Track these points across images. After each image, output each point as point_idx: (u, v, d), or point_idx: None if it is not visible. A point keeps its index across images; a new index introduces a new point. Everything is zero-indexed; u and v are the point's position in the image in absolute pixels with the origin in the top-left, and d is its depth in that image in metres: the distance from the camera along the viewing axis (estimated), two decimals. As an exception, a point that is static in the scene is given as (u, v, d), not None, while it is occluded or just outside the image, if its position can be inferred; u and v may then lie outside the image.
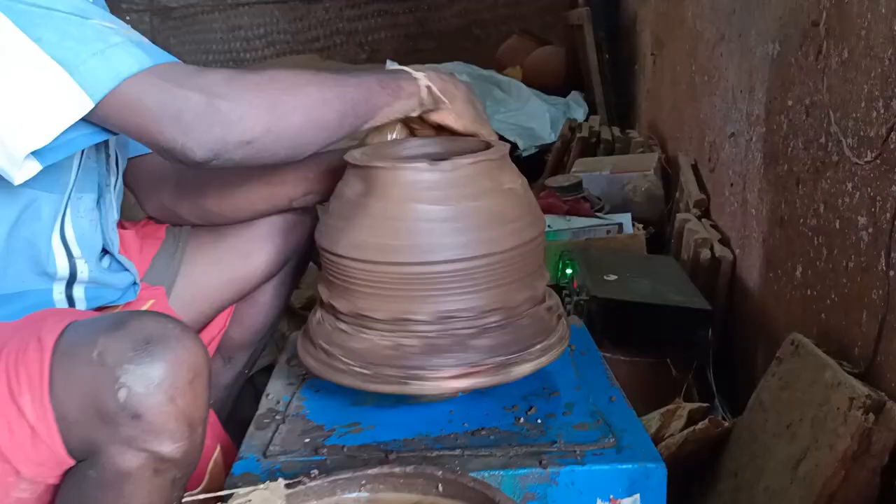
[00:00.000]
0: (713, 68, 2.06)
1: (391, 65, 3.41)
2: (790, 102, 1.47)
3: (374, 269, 0.97)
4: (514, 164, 1.07)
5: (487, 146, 1.06)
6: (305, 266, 1.34)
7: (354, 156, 1.02)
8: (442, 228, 0.96)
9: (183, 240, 1.24)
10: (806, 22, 1.39)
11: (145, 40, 0.88)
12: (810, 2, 1.37)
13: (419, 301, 0.97)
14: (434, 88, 1.01)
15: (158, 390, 0.79)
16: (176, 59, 0.89)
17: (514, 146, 3.23)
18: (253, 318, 1.31)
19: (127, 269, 1.12)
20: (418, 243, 0.95)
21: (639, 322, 1.59)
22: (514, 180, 1.05)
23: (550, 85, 3.95)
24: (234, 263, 1.23)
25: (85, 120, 0.84)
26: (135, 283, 1.13)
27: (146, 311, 0.97)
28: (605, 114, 3.35)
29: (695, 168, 2.25)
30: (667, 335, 1.59)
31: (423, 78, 1.00)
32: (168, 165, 1.23)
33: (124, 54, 0.84)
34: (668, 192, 2.46)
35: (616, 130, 3.01)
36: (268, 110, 0.88)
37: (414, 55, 5.44)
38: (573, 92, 3.74)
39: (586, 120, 3.32)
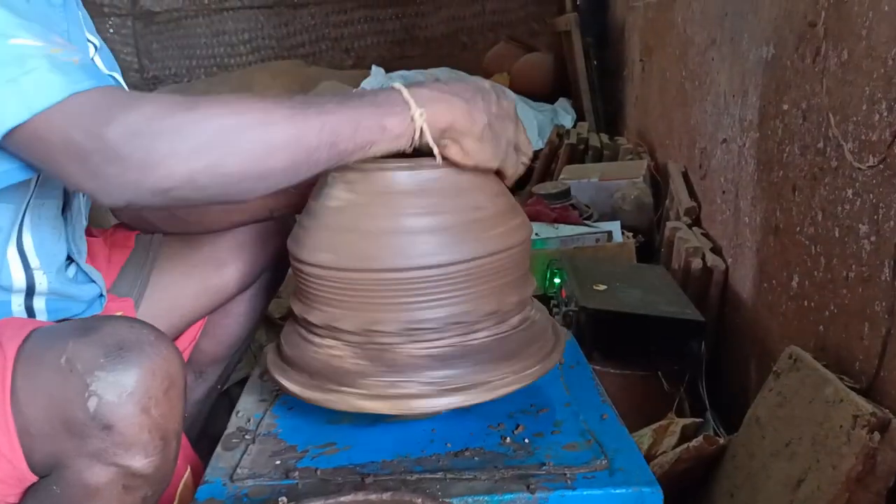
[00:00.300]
0: (704, 73, 2.02)
1: (376, 72, 3.32)
2: (785, 106, 1.43)
3: (339, 277, 0.90)
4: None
5: None
6: (283, 276, 1.28)
7: None
8: (415, 231, 0.90)
9: (154, 248, 1.17)
10: (802, 23, 1.34)
11: (77, 60, 0.77)
12: (806, 2, 1.33)
13: (388, 310, 0.90)
14: (429, 133, 0.83)
15: (131, 399, 0.74)
16: (111, 82, 0.80)
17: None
18: (226, 330, 1.24)
19: (93, 281, 1.05)
20: (388, 248, 0.89)
21: (629, 334, 1.54)
22: (495, 184, 0.99)
23: (538, 92, 3.91)
24: (207, 273, 1.16)
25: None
26: (101, 296, 1.06)
27: (119, 317, 0.91)
28: (593, 120, 3.31)
29: (685, 175, 2.21)
30: (658, 347, 1.54)
31: (418, 116, 0.82)
32: None
33: (41, 83, 0.74)
34: (657, 199, 2.42)
35: (604, 137, 2.97)
36: (195, 155, 0.74)
37: (400, 61, 5.39)
38: (561, 98, 3.70)
39: (574, 126, 3.28)
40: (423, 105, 0.83)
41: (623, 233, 2.07)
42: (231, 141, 0.75)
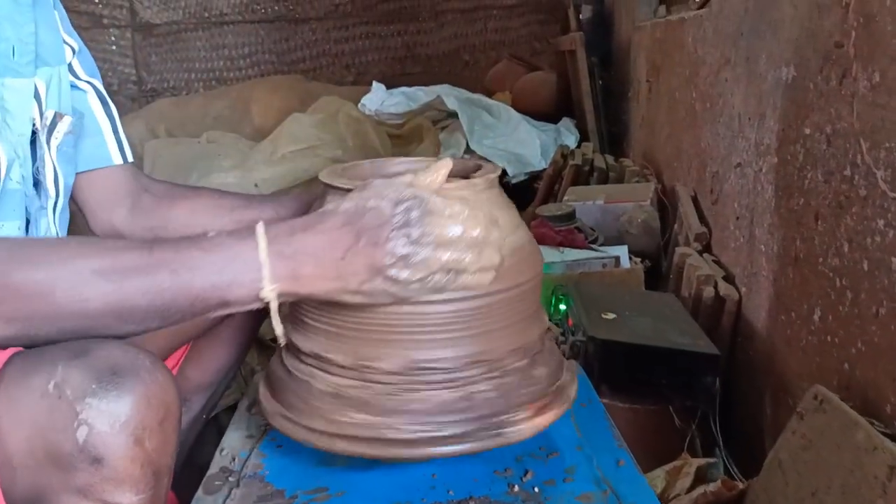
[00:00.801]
0: (716, 95, 1.95)
1: (377, 88, 3.26)
2: (807, 131, 1.36)
3: (381, 310, 0.82)
4: (503, 193, 0.94)
5: (477, 168, 0.93)
6: None
7: (327, 175, 0.88)
8: None
9: None
10: (827, 43, 1.27)
11: None
12: (832, 22, 1.26)
13: (388, 346, 0.83)
14: (276, 317, 0.76)
15: (125, 430, 0.69)
16: None
17: (502, 172, 3.11)
18: (213, 355, 1.16)
19: None
20: None
21: (640, 366, 1.46)
22: (507, 210, 0.92)
23: (540, 111, 3.85)
24: None
25: None
26: None
27: (111, 340, 0.84)
28: (597, 141, 3.24)
29: (695, 199, 2.14)
30: (670, 381, 1.46)
31: (269, 293, 0.74)
32: (123, 183, 1.09)
33: None
34: (664, 223, 2.34)
35: (610, 159, 2.90)
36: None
37: (401, 78, 5.34)
38: (564, 118, 3.64)
39: (578, 147, 3.21)
40: (277, 278, 0.74)
41: (631, 258, 2.00)
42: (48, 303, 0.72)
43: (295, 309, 0.88)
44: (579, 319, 1.56)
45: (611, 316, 1.57)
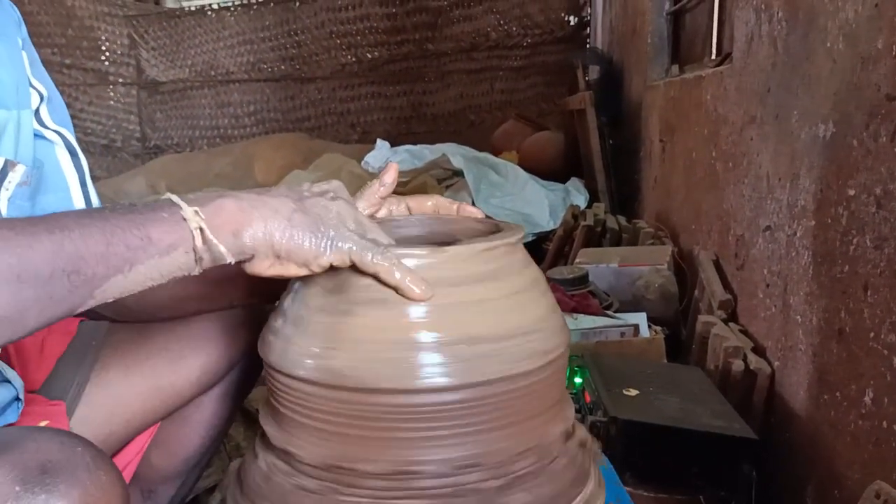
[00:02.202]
0: (740, 154, 1.84)
1: (381, 145, 3.17)
2: (852, 192, 1.23)
3: (359, 401, 0.68)
4: (527, 253, 0.82)
5: (497, 228, 0.80)
6: (257, 374, 1.05)
7: None
8: (436, 339, 0.69)
9: (98, 337, 0.96)
10: (875, 97, 1.16)
11: None
12: (880, 73, 1.15)
13: (424, 445, 0.68)
14: (213, 236, 0.64)
15: None
16: None
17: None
18: (182, 441, 1.01)
19: (7, 381, 0.83)
20: (412, 362, 0.67)
21: (669, 451, 1.31)
22: (531, 273, 0.79)
23: (547, 171, 3.77)
24: (159, 369, 0.94)
25: None
26: (17, 399, 0.84)
27: (45, 428, 0.70)
28: (608, 202, 3.14)
29: (717, 264, 2.00)
30: (702, 468, 1.31)
31: (192, 215, 0.64)
32: None
33: None
34: (681, 289, 2.21)
35: (622, 220, 2.79)
36: None
37: (407, 138, 5.29)
38: (573, 178, 3.55)
39: (589, 207, 3.10)
40: (198, 202, 0.65)
41: (650, 326, 1.86)
42: None
43: (293, 408, 0.73)
44: (598, 396, 1.42)
45: (633, 392, 1.43)
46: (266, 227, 0.65)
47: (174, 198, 0.64)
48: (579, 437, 0.82)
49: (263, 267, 0.67)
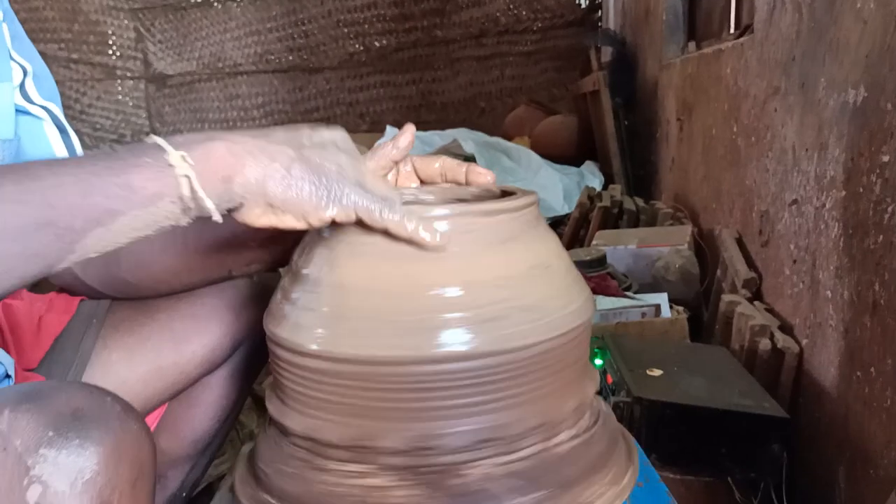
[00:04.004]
0: (763, 127, 1.79)
1: (391, 132, 3.12)
2: (886, 158, 1.18)
3: (374, 373, 0.63)
4: (544, 220, 0.77)
5: (506, 193, 0.76)
6: (266, 354, 1.01)
7: None
8: (457, 306, 0.64)
9: (98, 316, 0.92)
10: (910, 57, 1.10)
11: None
12: (915, 32, 1.09)
13: (443, 417, 0.64)
14: (200, 187, 0.58)
15: (89, 490, 0.54)
16: None
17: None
18: (191, 424, 0.97)
19: None
20: (429, 330, 0.63)
21: (695, 431, 1.26)
22: (550, 239, 0.74)
23: (560, 156, 3.71)
24: (162, 349, 0.90)
25: None
26: (7, 377, 0.80)
27: (72, 381, 0.67)
28: (624, 184, 3.08)
29: (740, 242, 1.95)
30: (731, 449, 1.26)
31: (179, 161, 0.58)
32: None
33: None
34: (702, 269, 2.16)
35: (640, 201, 2.73)
36: None
37: (416, 126, 5.19)
38: (587, 162, 3.49)
39: (605, 189, 3.05)
40: (186, 146, 0.59)
41: (672, 306, 1.81)
42: None
43: (305, 387, 0.69)
44: (620, 377, 1.37)
45: (657, 373, 1.38)
46: (260, 175, 0.60)
47: (159, 140, 0.59)
48: (602, 412, 0.78)
49: (254, 215, 0.61)
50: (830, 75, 1.40)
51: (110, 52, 6.24)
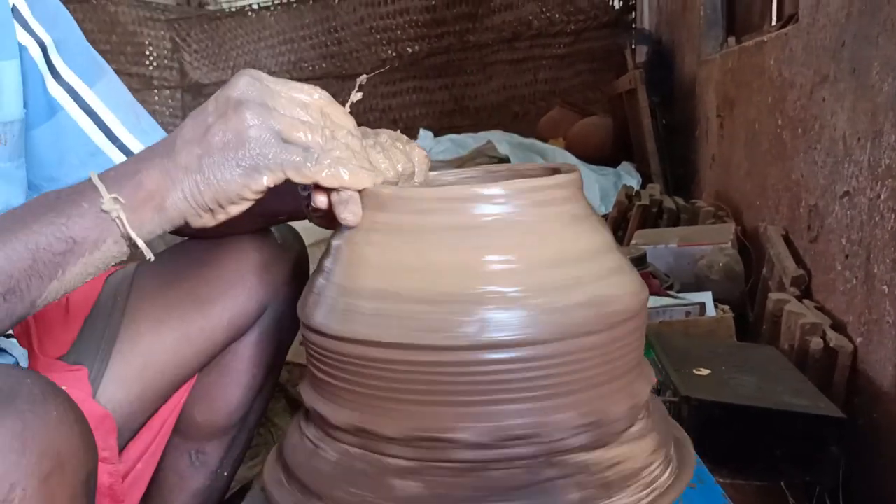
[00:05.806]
0: (811, 118, 1.72)
1: (424, 135, 3.09)
2: (949, 142, 1.11)
3: (423, 361, 0.59)
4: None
5: (554, 171, 0.72)
6: (294, 321, 0.95)
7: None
8: (506, 287, 0.60)
9: (122, 291, 0.90)
10: (975, 33, 1.04)
11: None
12: (980, 7, 1.03)
13: (470, 411, 0.59)
14: (131, 228, 0.59)
15: None
16: None
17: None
18: (224, 392, 0.93)
19: (4, 350, 0.77)
20: (426, 320, 0.59)
21: (747, 433, 1.20)
22: (597, 221, 0.70)
23: (596, 157, 3.65)
24: (188, 314, 0.87)
25: None
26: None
27: (5, 364, 0.64)
28: (662, 183, 3.01)
29: (786, 239, 1.88)
30: (785, 451, 1.20)
31: (110, 204, 0.58)
32: None
33: None
34: (747, 268, 2.09)
35: (679, 200, 2.66)
36: None
37: (450, 132, 5.20)
38: (624, 162, 3.42)
39: (643, 188, 2.98)
40: (118, 182, 0.59)
41: (716, 305, 1.74)
42: None
43: (317, 365, 0.66)
44: (666, 376, 1.32)
45: (704, 372, 1.33)
46: (183, 191, 0.59)
47: (96, 181, 0.59)
48: (658, 415, 0.73)
49: (204, 222, 0.61)
50: (885, 57, 1.34)
51: (147, 62, 6.32)
